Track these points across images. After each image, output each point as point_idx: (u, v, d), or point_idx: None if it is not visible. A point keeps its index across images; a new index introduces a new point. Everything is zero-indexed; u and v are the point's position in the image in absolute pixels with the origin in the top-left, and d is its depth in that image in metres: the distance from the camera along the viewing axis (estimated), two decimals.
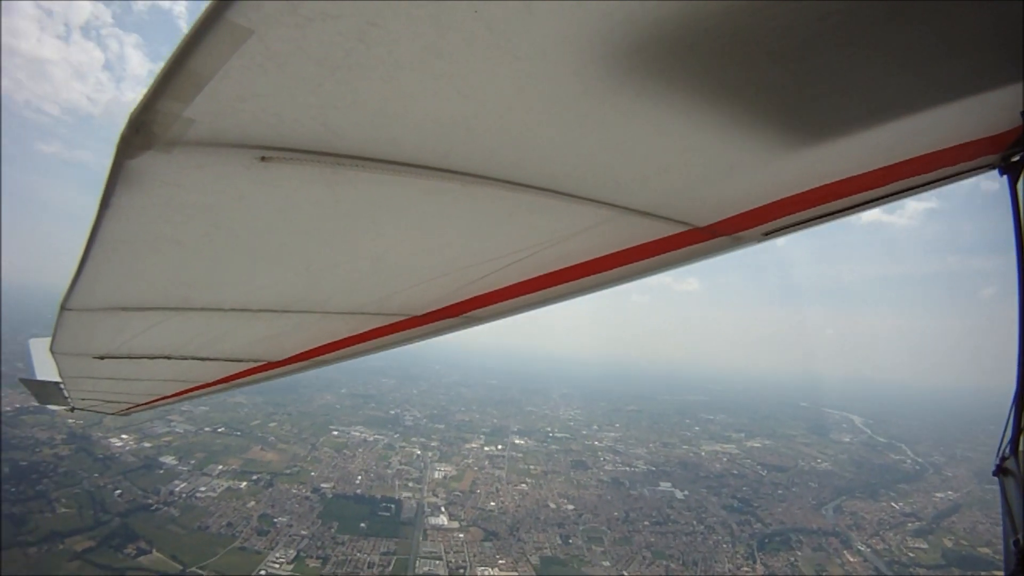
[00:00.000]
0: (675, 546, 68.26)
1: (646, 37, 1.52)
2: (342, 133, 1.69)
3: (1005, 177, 3.23)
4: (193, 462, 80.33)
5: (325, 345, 4.48)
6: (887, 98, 2.13)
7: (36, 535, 59.70)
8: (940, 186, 3.51)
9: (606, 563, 64.34)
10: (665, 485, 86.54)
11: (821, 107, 2.13)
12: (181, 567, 57.64)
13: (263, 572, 58.02)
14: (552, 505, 77.20)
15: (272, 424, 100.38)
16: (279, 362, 4.90)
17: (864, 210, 3.44)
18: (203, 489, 73.49)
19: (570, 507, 76.93)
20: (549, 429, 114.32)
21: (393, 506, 73.27)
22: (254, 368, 5.12)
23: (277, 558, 60.22)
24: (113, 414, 9.68)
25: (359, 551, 62.77)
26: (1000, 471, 3.56)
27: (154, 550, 60.09)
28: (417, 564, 61.33)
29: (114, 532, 62.56)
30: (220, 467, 79.74)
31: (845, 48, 1.76)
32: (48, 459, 74.66)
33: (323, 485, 77.44)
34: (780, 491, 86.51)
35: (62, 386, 7.31)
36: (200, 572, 57.43)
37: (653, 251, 3.20)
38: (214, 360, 4.70)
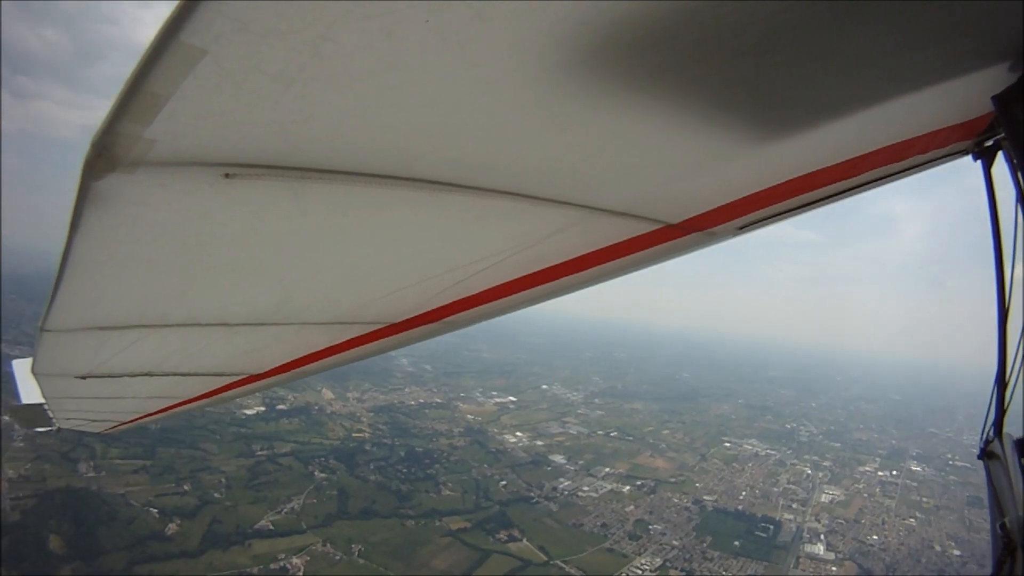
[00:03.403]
0: None
1: (604, 39, 1.53)
2: (304, 146, 1.69)
3: (979, 162, 3.27)
4: (581, 462, 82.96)
5: (305, 356, 4.46)
6: (854, 89, 2.15)
7: (417, 511, 66.93)
8: (915, 173, 3.55)
9: None
10: None
11: (787, 101, 2.15)
12: (546, 558, 60.59)
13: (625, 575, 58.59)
14: (937, 547, 69.27)
15: (665, 431, 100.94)
16: (260, 375, 4.88)
17: (840, 199, 3.48)
18: (586, 489, 75.13)
19: (956, 552, 68.23)
20: (950, 456, 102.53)
21: (771, 527, 70.83)
22: (236, 382, 5.10)
23: (642, 564, 60.50)
24: (99, 432, 9.61)
25: (725, 569, 61.52)
26: (985, 454, 3.59)
27: (524, 539, 63.75)
28: None
29: (491, 518, 67.43)
30: (607, 469, 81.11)
31: (807, 41, 1.77)
32: (443, 448, 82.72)
33: (705, 497, 76.69)
34: None
35: (46, 406, 7.28)
36: (563, 565, 59.78)
37: (628, 250, 3.21)
38: (195, 375, 4.67)
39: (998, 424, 3.52)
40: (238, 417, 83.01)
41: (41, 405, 7.32)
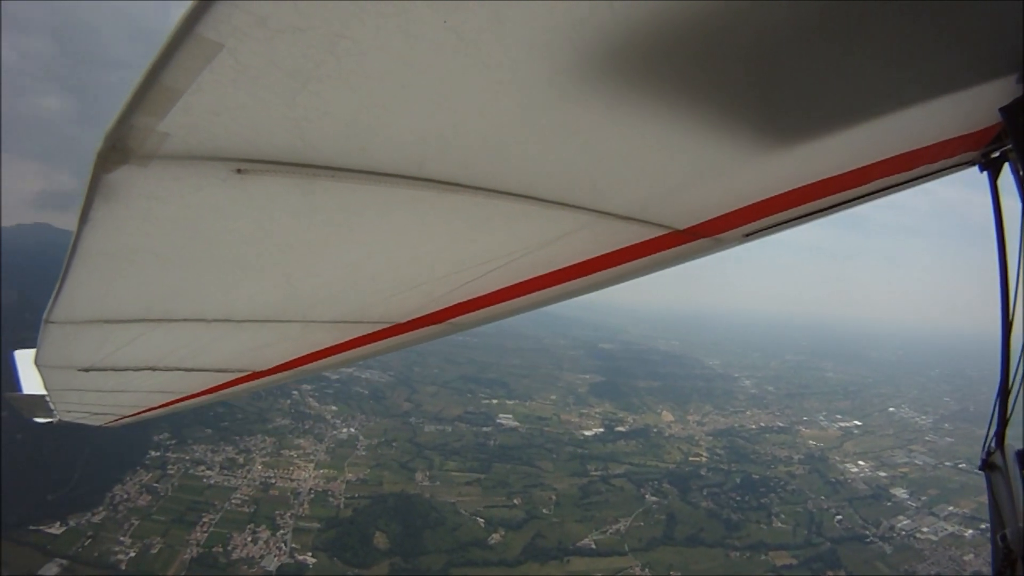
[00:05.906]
0: None
1: (619, 45, 1.53)
2: (316, 144, 1.69)
3: (985, 173, 3.27)
4: (924, 499, 77.11)
5: (309, 354, 4.46)
6: (863, 99, 2.16)
7: (744, 542, 65.75)
8: (923, 182, 3.55)
9: None
10: None
11: (796, 110, 2.15)
12: None
13: None
14: None
15: None
16: (264, 372, 4.87)
17: (846, 208, 3.48)
18: (925, 530, 68.96)
19: None
20: None
21: None
22: (239, 378, 5.09)
23: None
24: (99, 426, 9.61)
25: None
26: (986, 466, 3.59)
27: None
28: None
29: (819, 556, 64.64)
30: (950, 508, 74.37)
31: (818, 51, 1.78)
32: (781, 476, 79.56)
33: None
34: None
35: (48, 398, 7.27)
36: None
37: (635, 254, 3.21)
38: (199, 371, 4.66)
39: (1000, 435, 3.52)
40: (576, 437, 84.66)
41: (42, 396, 7.32)
